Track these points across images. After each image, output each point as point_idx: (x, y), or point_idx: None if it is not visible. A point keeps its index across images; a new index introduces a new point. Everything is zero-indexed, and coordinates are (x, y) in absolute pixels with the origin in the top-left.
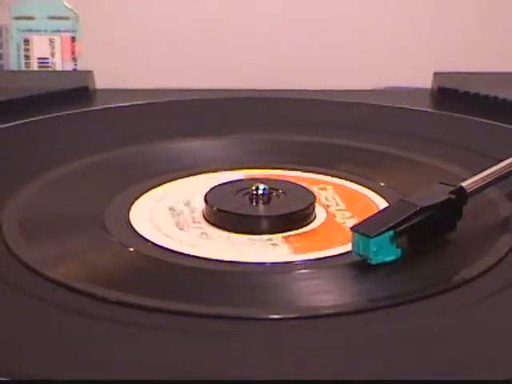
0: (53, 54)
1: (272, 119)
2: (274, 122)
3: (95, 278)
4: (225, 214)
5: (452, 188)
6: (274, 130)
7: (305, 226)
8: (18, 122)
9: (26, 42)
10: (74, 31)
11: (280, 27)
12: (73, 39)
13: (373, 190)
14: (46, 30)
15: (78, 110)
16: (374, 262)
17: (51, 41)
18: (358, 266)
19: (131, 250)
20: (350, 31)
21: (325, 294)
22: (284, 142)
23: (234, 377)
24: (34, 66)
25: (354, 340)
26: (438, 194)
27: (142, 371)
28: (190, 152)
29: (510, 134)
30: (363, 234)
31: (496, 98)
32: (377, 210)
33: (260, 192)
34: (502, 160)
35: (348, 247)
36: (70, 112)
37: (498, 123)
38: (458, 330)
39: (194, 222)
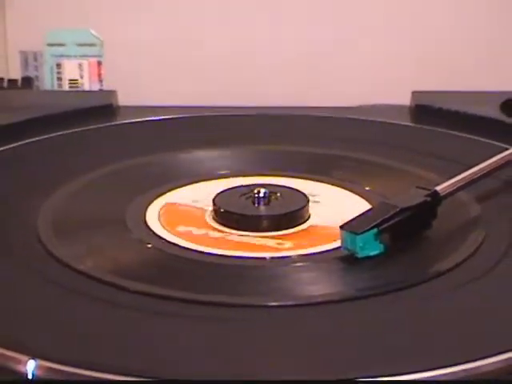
0: (81, 76)
1: (271, 133)
2: (273, 136)
3: (117, 271)
4: (230, 214)
5: (428, 191)
6: (274, 143)
7: (300, 224)
8: (51, 135)
9: (58, 65)
10: (99, 56)
11: (282, 56)
12: (99, 63)
13: (359, 194)
14: (75, 56)
15: (103, 125)
16: (360, 256)
17: (80, 65)
18: (347, 260)
19: (149, 246)
20: (340, 57)
21: (317, 284)
22: (282, 152)
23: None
24: (65, 87)
25: (343, 324)
26: (415, 196)
27: (159, 352)
28: (200, 161)
29: (477, 145)
30: (351, 232)
31: (466, 113)
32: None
33: (261, 195)
34: (471, 167)
35: (337, 243)
36: (96, 126)
37: (468, 135)
38: (434, 315)
39: (202, 221)
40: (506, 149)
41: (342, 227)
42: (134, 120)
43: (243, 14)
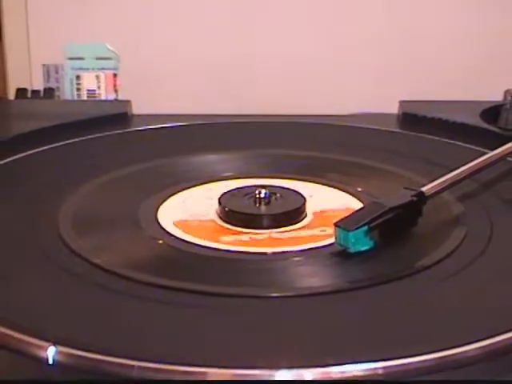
0: (99, 87)
1: (271, 139)
2: (273, 141)
3: (130, 264)
4: (235, 213)
5: (414, 192)
6: (274, 147)
7: (298, 222)
8: (72, 141)
9: (78, 77)
10: (115, 69)
11: (283, 70)
12: (114, 75)
13: (352, 194)
14: (93, 68)
15: (118, 131)
16: (352, 251)
17: (97, 77)
18: (340, 255)
19: (160, 242)
20: (335, 71)
21: (314, 277)
22: (281, 156)
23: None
24: (84, 96)
25: (337, 313)
26: (403, 196)
27: (168, 339)
28: (207, 165)
29: (459, 150)
30: (344, 229)
31: (448, 120)
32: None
33: (262, 195)
34: (453, 170)
35: (331, 240)
36: (111, 133)
37: (450, 141)
38: (421, 304)
39: (209, 220)
40: (485, 153)
41: (335, 224)
42: (146, 127)
43: (246, 30)
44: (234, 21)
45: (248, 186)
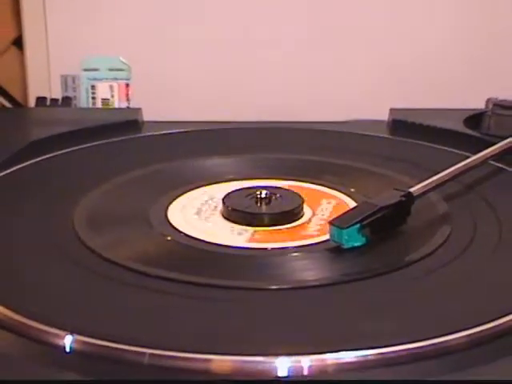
0: (112, 96)
1: (270, 144)
2: (272, 146)
3: (141, 259)
4: (237, 212)
5: (403, 192)
6: (273, 152)
7: (296, 220)
8: (87, 145)
9: (93, 87)
10: (127, 79)
11: (282, 82)
12: (127, 85)
13: (346, 194)
14: (107, 79)
15: (129, 137)
16: (346, 246)
17: (111, 86)
18: (334, 250)
19: (169, 238)
20: (331, 82)
21: (310, 271)
22: (281, 159)
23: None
24: (99, 105)
25: (332, 304)
26: (392, 197)
27: (176, 327)
28: (213, 167)
29: (444, 154)
30: (338, 226)
31: (435, 127)
32: (348, 209)
33: (263, 196)
34: (439, 172)
35: (327, 236)
36: (124, 138)
37: (436, 145)
38: (409, 295)
39: (214, 218)
40: (468, 157)
41: (330, 222)
42: (156, 133)
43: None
44: (238, 35)
45: (249, 187)
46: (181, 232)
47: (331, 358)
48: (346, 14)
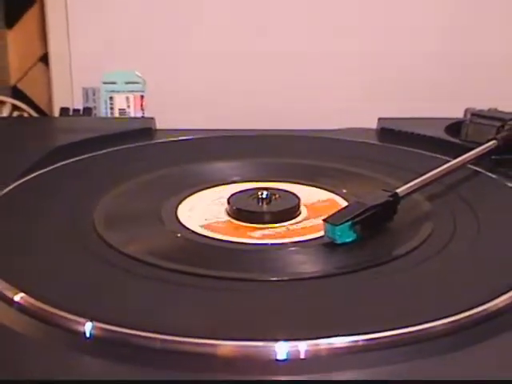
0: (128, 106)
1: (271, 149)
2: (272, 151)
3: (153, 253)
4: (241, 211)
5: (390, 193)
6: (274, 156)
7: (293, 218)
8: (105, 151)
9: (111, 98)
10: (142, 91)
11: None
12: (141, 97)
13: (338, 195)
14: (123, 91)
15: (144, 143)
16: (338, 242)
17: (127, 98)
18: (328, 245)
19: (178, 235)
20: (326, 92)
21: (306, 264)
22: (281, 164)
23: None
24: (116, 114)
25: (326, 294)
26: (381, 197)
27: (186, 315)
28: (218, 170)
29: (427, 158)
30: (331, 223)
31: (419, 134)
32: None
33: (264, 196)
34: (423, 175)
35: (321, 233)
36: (138, 144)
37: (420, 151)
38: (396, 287)
39: (220, 216)
40: (449, 161)
41: (324, 220)
42: (167, 140)
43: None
44: (242, 47)
45: (252, 189)
46: (189, 229)
47: (324, 343)
48: (339, 29)
